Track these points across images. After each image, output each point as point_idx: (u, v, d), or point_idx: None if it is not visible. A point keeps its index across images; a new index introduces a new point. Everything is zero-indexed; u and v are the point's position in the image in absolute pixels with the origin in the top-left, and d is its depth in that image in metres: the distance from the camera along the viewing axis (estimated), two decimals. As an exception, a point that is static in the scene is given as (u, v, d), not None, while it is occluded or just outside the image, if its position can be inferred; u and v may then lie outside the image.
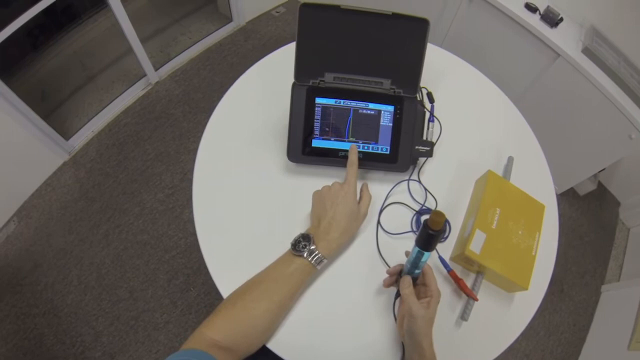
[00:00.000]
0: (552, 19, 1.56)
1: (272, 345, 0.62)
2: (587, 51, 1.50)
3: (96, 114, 2.01)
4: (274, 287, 0.60)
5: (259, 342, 0.60)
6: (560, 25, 1.58)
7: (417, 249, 0.55)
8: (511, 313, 0.70)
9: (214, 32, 2.37)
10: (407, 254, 0.61)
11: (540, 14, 1.59)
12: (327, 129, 0.72)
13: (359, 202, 0.69)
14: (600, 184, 2.08)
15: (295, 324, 0.64)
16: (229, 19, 2.42)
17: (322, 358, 0.63)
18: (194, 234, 0.71)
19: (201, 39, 2.33)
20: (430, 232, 0.51)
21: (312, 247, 0.62)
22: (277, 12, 2.56)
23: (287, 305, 0.62)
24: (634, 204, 2.01)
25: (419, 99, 0.76)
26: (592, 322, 1.74)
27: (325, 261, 0.63)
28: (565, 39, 1.55)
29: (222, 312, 0.58)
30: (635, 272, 1.82)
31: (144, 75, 2.12)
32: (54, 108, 2.03)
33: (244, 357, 0.57)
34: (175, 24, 2.45)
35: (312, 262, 0.62)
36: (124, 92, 2.09)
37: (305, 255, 0.61)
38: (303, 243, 0.62)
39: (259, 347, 0.60)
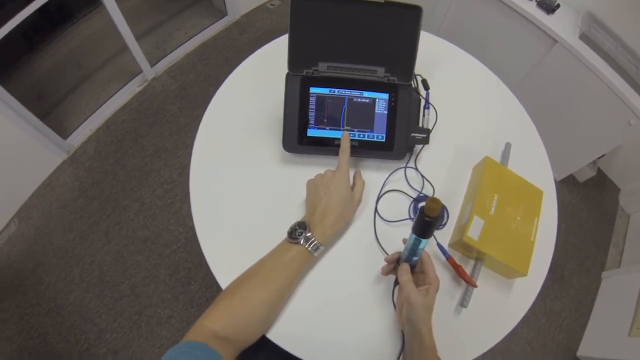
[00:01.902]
0: (548, 6, 1.54)
1: (271, 336, 0.62)
2: (584, 37, 1.49)
3: (93, 112, 2.00)
4: (271, 275, 0.61)
5: (258, 332, 0.60)
6: (557, 11, 1.56)
7: (414, 236, 0.55)
8: (511, 299, 0.71)
9: (209, 26, 2.36)
10: (404, 241, 0.61)
11: (536, 0, 1.58)
12: (322, 119, 0.72)
13: (352, 189, 0.69)
14: (599, 171, 2.08)
15: (294, 313, 0.64)
16: (223, 13, 2.41)
17: (322, 347, 0.64)
18: (193, 227, 0.71)
19: (196, 34, 2.32)
20: (426, 219, 0.51)
21: (308, 234, 0.62)
22: (272, 4, 2.54)
23: (285, 294, 0.63)
24: (633, 190, 2.00)
25: (413, 86, 0.76)
26: (593, 308, 1.75)
27: (321, 248, 0.63)
28: (562, 25, 1.54)
29: (221, 302, 0.58)
30: (635, 258, 1.82)
31: (140, 71, 2.11)
32: (50, 108, 2.02)
33: (244, 347, 0.58)
34: (170, 19, 2.43)
35: (309, 249, 0.62)
36: (120, 89, 2.08)
37: (301, 242, 0.62)
38: (299, 230, 0.63)
39: (258, 337, 0.60)
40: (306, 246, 0.62)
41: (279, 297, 0.61)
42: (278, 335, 0.63)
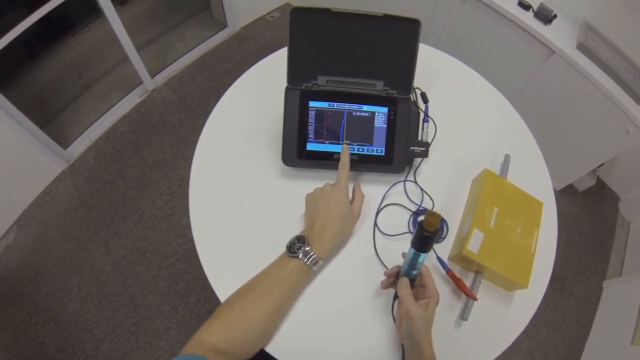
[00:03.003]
0: (545, 16, 1.56)
1: (270, 349, 0.62)
2: (581, 47, 1.50)
3: (93, 122, 2.01)
4: (270, 289, 0.60)
5: (257, 346, 0.60)
6: (554, 21, 1.58)
7: (413, 250, 0.55)
8: (511, 311, 0.70)
9: (209, 38, 2.38)
10: (404, 255, 0.61)
11: (533, 11, 1.59)
12: (321, 132, 0.72)
13: (351, 203, 0.69)
14: (599, 179, 2.08)
15: (294, 327, 0.64)
16: (223, 25, 2.43)
17: (322, 361, 0.63)
18: (192, 239, 0.71)
19: (196, 46, 2.34)
20: (425, 233, 0.51)
21: (307, 249, 0.62)
22: (272, 16, 2.57)
23: (284, 308, 0.62)
24: (633, 198, 2.00)
25: (412, 99, 0.76)
26: (594, 318, 1.74)
27: (320, 262, 0.63)
28: (560, 35, 1.56)
29: (220, 315, 0.58)
30: (636, 266, 1.81)
31: (141, 82, 2.12)
32: (51, 117, 2.04)
33: (243, 360, 0.57)
34: (171, 31, 2.45)
35: (308, 263, 0.62)
36: (120, 99, 2.09)
37: (300, 256, 0.61)
38: (298, 244, 0.62)
39: (257, 351, 0.60)
40: (305, 260, 0.62)
41: (277, 311, 0.61)
42: (277, 348, 0.62)
